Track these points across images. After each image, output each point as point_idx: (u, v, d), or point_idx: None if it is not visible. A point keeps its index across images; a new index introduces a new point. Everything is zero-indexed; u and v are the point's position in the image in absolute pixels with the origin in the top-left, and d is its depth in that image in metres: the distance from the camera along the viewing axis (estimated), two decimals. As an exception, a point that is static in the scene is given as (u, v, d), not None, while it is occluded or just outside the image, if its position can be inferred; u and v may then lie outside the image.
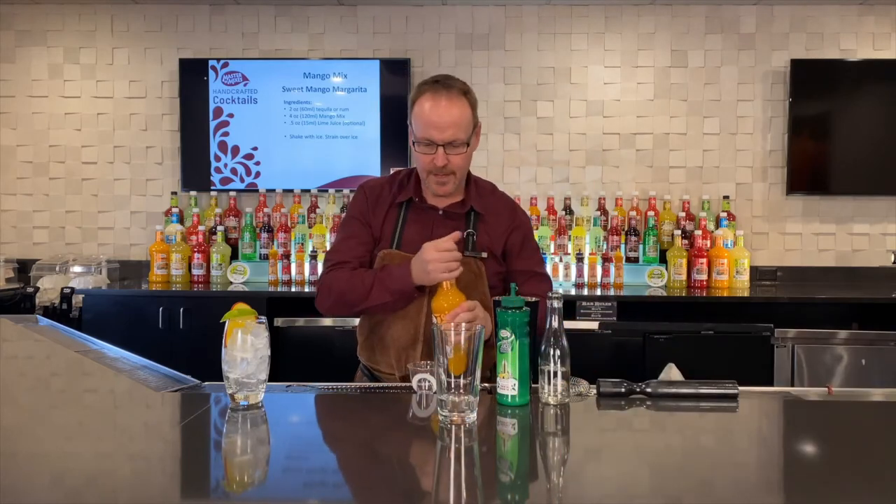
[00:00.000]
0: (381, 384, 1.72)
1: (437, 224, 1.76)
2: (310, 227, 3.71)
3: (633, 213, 3.79)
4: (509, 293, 1.39)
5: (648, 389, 1.43)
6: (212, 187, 3.94)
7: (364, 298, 1.68)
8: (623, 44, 3.94)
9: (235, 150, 3.94)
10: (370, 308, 1.70)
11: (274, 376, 1.39)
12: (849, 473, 1.06)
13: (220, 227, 3.77)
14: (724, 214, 3.81)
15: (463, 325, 1.26)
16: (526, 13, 3.95)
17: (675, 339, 3.15)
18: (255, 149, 3.94)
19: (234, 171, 3.94)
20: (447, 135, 1.65)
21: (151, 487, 1.00)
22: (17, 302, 3.32)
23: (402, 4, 3.93)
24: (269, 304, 3.26)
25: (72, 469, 1.05)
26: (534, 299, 1.44)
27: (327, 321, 3.25)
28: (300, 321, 3.27)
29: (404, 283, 1.63)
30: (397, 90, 3.88)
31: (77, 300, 3.33)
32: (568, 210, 3.81)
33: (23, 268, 3.85)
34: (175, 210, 3.84)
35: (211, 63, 3.91)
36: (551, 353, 1.34)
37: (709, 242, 3.66)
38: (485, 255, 1.73)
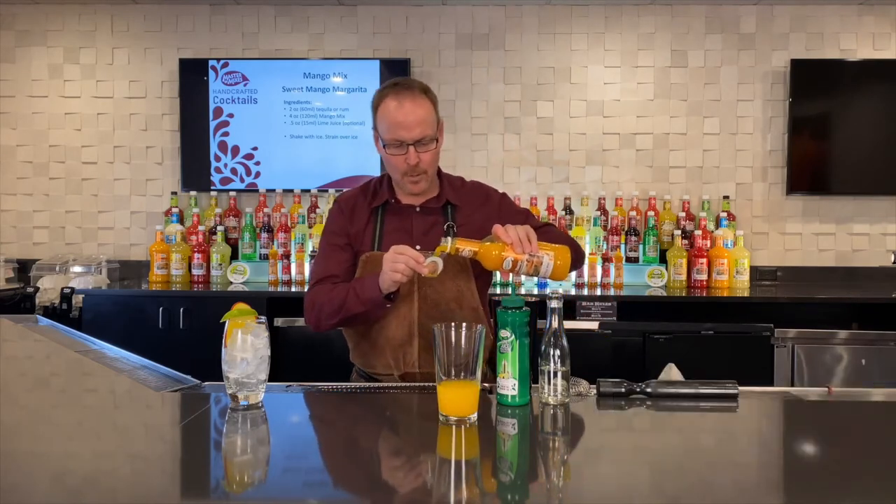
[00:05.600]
0: (380, 384, 1.72)
1: (416, 220, 1.79)
2: (310, 227, 3.71)
3: (633, 213, 3.79)
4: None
5: (648, 389, 1.43)
6: (212, 187, 3.93)
7: (340, 309, 1.69)
8: (623, 44, 3.94)
9: (235, 150, 3.94)
10: (349, 319, 1.72)
11: (274, 376, 1.39)
12: (849, 473, 1.06)
13: (220, 227, 3.77)
14: (724, 214, 3.81)
15: (463, 324, 1.25)
16: (526, 13, 3.95)
17: (675, 339, 3.15)
18: (255, 149, 3.94)
19: (234, 171, 3.94)
20: (416, 133, 1.67)
21: (151, 487, 1.00)
22: (17, 302, 3.32)
23: (402, 4, 3.93)
24: (269, 304, 3.26)
25: (72, 469, 1.06)
26: (533, 299, 1.43)
27: (327, 321, 3.24)
28: (300, 321, 3.27)
29: (373, 292, 1.64)
30: (397, 90, 3.88)
31: (77, 300, 3.33)
32: (568, 210, 3.81)
33: (23, 268, 3.85)
34: (175, 210, 3.84)
35: (211, 63, 3.91)
36: (551, 353, 1.34)
37: (709, 242, 3.66)
38: None
